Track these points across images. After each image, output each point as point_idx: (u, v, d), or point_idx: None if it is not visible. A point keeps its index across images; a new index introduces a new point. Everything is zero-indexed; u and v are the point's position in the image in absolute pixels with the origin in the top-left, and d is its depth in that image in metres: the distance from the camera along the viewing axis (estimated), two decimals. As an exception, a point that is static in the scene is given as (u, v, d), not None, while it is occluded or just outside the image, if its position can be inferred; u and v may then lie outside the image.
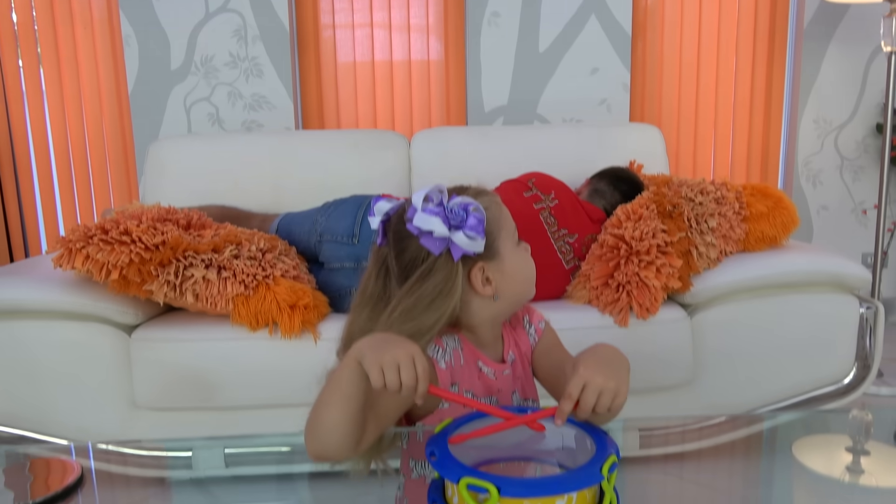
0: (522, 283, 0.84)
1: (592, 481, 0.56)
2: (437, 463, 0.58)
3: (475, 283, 0.79)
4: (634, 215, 1.63)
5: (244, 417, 1.55)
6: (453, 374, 0.79)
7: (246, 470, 1.34)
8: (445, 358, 0.79)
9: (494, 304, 0.81)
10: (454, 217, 0.75)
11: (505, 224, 0.82)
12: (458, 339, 0.81)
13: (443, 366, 0.78)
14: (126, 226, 1.48)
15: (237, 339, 1.50)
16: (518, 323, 0.88)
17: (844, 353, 1.71)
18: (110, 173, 2.65)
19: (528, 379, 0.85)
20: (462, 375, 0.79)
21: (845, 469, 1.20)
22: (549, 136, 2.17)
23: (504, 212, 0.83)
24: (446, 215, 0.75)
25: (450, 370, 0.79)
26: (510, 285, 0.81)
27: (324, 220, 1.73)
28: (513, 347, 0.85)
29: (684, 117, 2.76)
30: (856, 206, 2.87)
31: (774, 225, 1.68)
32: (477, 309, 0.81)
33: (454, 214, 0.75)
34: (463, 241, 0.75)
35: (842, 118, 2.80)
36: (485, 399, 0.79)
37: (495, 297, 0.80)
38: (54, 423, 1.54)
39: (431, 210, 0.75)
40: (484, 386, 0.81)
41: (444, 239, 0.75)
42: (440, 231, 0.74)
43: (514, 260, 0.82)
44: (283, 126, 2.58)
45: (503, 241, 0.81)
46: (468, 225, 0.75)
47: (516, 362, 0.85)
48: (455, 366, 0.79)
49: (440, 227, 0.74)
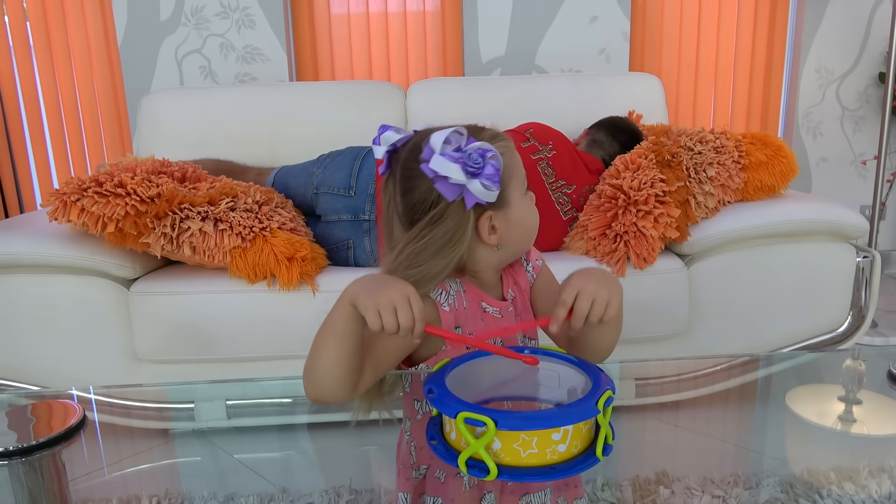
0: (526, 232, 0.82)
1: (588, 415, 0.57)
2: (434, 399, 0.59)
3: (481, 232, 0.77)
4: (633, 165, 1.62)
5: (244, 369, 1.57)
6: (457, 317, 0.79)
7: (248, 421, 1.36)
8: (449, 301, 0.78)
9: (497, 252, 0.80)
10: (472, 163, 0.72)
11: (516, 172, 0.80)
12: (461, 282, 0.81)
13: (447, 308, 0.78)
14: (120, 178, 1.47)
15: (236, 291, 1.50)
16: (516, 261, 0.88)
17: (840, 303, 1.72)
18: (103, 128, 2.62)
19: (527, 316, 0.85)
20: (466, 317, 0.79)
21: (837, 417, 1.22)
22: (548, 87, 2.14)
23: (516, 158, 0.80)
24: (465, 161, 0.72)
25: (454, 313, 0.78)
26: (514, 235, 0.80)
27: (320, 172, 1.71)
28: (512, 286, 0.85)
29: (684, 67, 2.71)
30: (855, 158, 2.86)
31: (773, 174, 1.67)
32: (480, 256, 0.80)
33: (472, 161, 0.72)
34: (479, 189, 0.72)
35: (844, 67, 2.76)
36: (491, 341, 0.79)
37: (498, 247, 0.79)
38: (56, 377, 1.56)
39: (451, 155, 0.71)
40: (489, 326, 0.80)
41: (459, 185, 0.72)
42: (457, 178, 0.71)
43: (521, 209, 0.80)
44: (277, 79, 2.54)
45: (513, 191, 0.79)
46: (485, 174, 0.72)
47: (517, 300, 0.85)
48: (459, 308, 0.79)
49: (458, 174, 0.71)
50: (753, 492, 1.23)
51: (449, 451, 0.60)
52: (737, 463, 1.32)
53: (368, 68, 2.64)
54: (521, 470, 0.57)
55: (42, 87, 2.58)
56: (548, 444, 0.57)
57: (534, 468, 0.57)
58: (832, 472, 1.23)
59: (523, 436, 0.56)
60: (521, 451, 0.57)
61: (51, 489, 0.69)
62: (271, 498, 1.22)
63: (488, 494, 0.76)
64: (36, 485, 0.70)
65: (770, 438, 1.41)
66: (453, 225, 0.74)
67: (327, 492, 1.24)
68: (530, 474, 0.57)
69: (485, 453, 0.57)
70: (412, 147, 0.76)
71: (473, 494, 0.76)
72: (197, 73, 2.52)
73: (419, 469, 0.81)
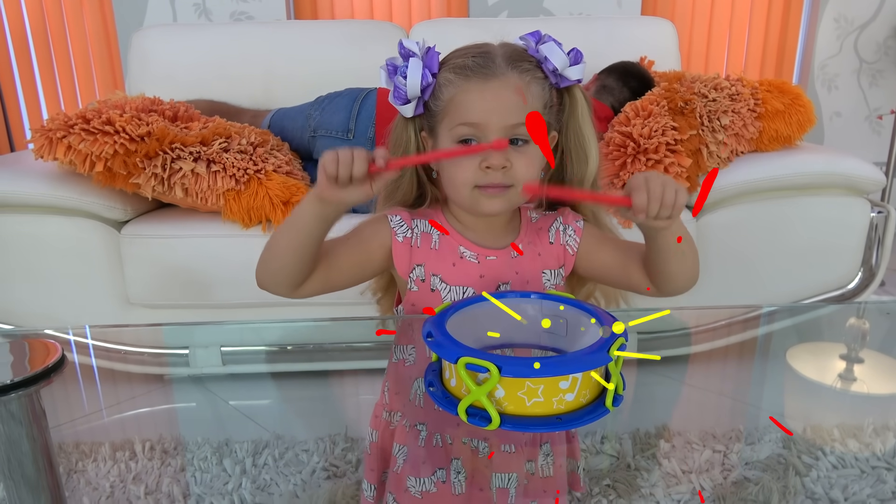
0: (450, 183, 0.74)
1: (600, 363, 0.53)
2: (434, 343, 0.55)
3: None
4: (644, 112, 1.55)
5: (238, 315, 1.54)
6: (414, 254, 0.76)
7: (242, 368, 1.34)
8: (406, 234, 0.76)
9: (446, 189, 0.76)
10: (398, 68, 0.74)
11: (453, 112, 0.71)
12: (440, 231, 0.77)
13: (400, 239, 0.75)
14: (109, 115, 1.40)
15: (230, 235, 1.46)
16: (544, 230, 0.80)
17: (850, 260, 1.68)
18: (94, 65, 2.53)
19: (532, 273, 0.78)
20: (431, 258, 0.76)
21: (837, 376, 1.19)
22: (556, 30, 2.00)
23: (465, 100, 0.71)
24: (393, 63, 0.73)
25: (410, 249, 0.76)
26: (443, 177, 0.75)
27: (318, 114, 1.65)
28: (526, 243, 0.79)
29: (699, 12, 2.60)
30: (870, 114, 2.77)
31: (790, 123, 1.61)
32: (442, 186, 0.77)
33: (400, 66, 0.73)
34: (392, 89, 0.73)
35: (864, 17, 2.65)
36: (459, 287, 0.75)
37: (433, 174, 0.78)
38: (45, 320, 1.53)
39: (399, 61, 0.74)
40: (461, 272, 0.75)
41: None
42: (384, 76, 0.74)
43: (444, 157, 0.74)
44: (274, 17, 2.43)
45: (442, 129, 0.73)
46: (395, 80, 0.73)
47: (524, 258, 0.78)
48: (423, 248, 0.76)
49: (384, 73, 0.74)
50: (756, 447, 1.21)
51: (448, 398, 0.56)
52: (737, 418, 1.30)
53: (369, 7, 2.53)
54: (525, 419, 0.54)
55: (30, 21, 2.48)
56: (555, 392, 0.53)
57: (539, 418, 0.54)
58: (836, 430, 1.21)
59: (529, 383, 0.52)
60: (525, 399, 0.53)
61: (30, 434, 0.65)
62: (266, 445, 1.21)
63: (455, 461, 0.73)
64: (14, 429, 0.66)
65: (768, 393, 1.39)
66: (398, 132, 0.77)
67: (322, 439, 1.22)
68: (535, 424, 0.54)
69: (487, 401, 0.53)
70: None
71: (439, 452, 0.73)
72: (190, 9, 2.41)
73: (392, 413, 0.78)
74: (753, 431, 1.25)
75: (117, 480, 1.12)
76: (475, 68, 0.70)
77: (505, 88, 0.70)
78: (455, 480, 0.72)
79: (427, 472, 0.72)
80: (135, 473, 1.14)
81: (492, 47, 0.74)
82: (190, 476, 1.15)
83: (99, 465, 1.17)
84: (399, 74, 0.72)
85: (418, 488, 0.72)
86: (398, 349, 0.80)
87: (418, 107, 0.74)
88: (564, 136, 0.77)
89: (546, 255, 0.78)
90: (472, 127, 0.70)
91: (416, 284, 0.75)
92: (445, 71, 0.72)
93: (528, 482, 0.73)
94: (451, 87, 0.71)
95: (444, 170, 0.74)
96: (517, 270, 0.77)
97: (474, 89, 0.70)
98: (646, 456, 1.18)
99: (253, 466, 1.16)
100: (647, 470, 1.15)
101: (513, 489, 0.72)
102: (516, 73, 0.71)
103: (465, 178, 0.71)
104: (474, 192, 0.71)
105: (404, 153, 0.76)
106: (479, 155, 0.70)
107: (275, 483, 1.11)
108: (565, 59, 0.72)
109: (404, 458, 0.74)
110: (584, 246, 0.79)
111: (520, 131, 0.70)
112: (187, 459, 1.20)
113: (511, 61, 0.71)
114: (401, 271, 0.76)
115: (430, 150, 0.76)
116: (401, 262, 0.75)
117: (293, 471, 1.14)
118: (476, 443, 0.73)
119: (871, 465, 1.12)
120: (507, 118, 0.70)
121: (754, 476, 1.12)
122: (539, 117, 0.58)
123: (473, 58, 0.71)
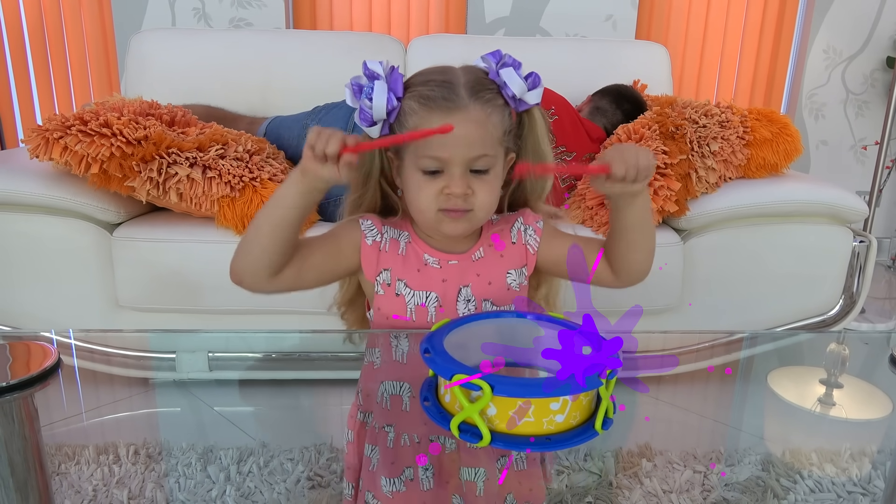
0: (414, 206, 0.78)
1: (590, 386, 0.54)
2: (430, 360, 0.56)
3: (393, 173, 0.80)
4: (636, 135, 1.58)
5: (228, 321, 1.54)
6: (382, 258, 0.80)
7: (229, 374, 1.34)
8: (376, 238, 0.80)
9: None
10: (363, 89, 0.76)
11: (420, 143, 0.73)
12: (409, 234, 0.81)
13: (369, 242, 0.79)
14: (106, 118, 1.41)
15: (222, 241, 1.46)
16: (507, 222, 0.84)
17: (832, 287, 1.71)
18: (90, 66, 2.52)
19: (495, 276, 0.82)
20: (398, 264, 0.80)
21: (817, 400, 1.21)
22: (552, 51, 2.08)
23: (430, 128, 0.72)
24: (357, 83, 0.75)
25: (378, 253, 0.79)
26: (407, 197, 0.79)
27: (314, 124, 1.66)
28: (486, 245, 0.82)
29: (692, 38, 2.65)
30: (855, 143, 2.83)
31: (777, 152, 1.64)
32: (409, 208, 0.80)
33: (365, 87, 0.75)
34: (359, 107, 0.75)
35: (852, 49, 2.72)
36: (422, 292, 0.79)
37: (398, 192, 0.81)
38: (34, 320, 1.52)
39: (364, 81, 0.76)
40: (425, 278, 0.79)
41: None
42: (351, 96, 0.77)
43: (409, 180, 0.76)
44: (273, 26, 2.45)
45: (408, 155, 0.76)
46: (361, 102, 0.75)
47: (484, 259, 0.81)
48: (391, 252, 0.80)
49: (350, 92, 0.76)
50: (735, 469, 1.23)
51: (442, 413, 0.58)
52: (718, 440, 1.32)
53: (368, 20, 2.55)
54: (515, 438, 0.55)
55: (27, 20, 2.47)
56: (545, 413, 0.54)
57: (528, 437, 0.55)
58: (814, 454, 1.23)
59: (520, 403, 0.54)
60: (516, 418, 0.55)
61: (22, 433, 0.66)
62: (251, 452, 1.21)
63: (422, 458, 0.74)
64: (8, 429, 0.67)
65: (748, 416, 1.41)
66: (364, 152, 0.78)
67: (307, 448, 1.22)
68: (524, 443, 0.55)
69: (478, 418, 0.54)
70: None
71: (407, 452, 0.75)
72: (190, 14, 2.42)
73: (366, 414, 0.80)
74: (733, 453, 1.27)
75: (101, 484, 1.12)
76: (438, 101, 0.73)
77: (468, 122, 0.73)
78: (423, 477, 0.73)
79: (396, 472, 0.74)
80: (118, 477, 1.14)
81: (454, 75, 0.76)
82: (174, 482, 1.14)
83: (82, 468, 1.16)
84: (364, 96, 0.75)
85: (389, 488, 0.74)
86: (369, 352, 0.84)
87: (384, 129, 0.76)
88: (524, 153, 0.81)
89: (508, 256, 0.82)
90: (436, 160, 0.74)
91: (383, 288, 0.79)
92: (409, 99, 0.75)
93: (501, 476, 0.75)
94: (415, 117, 0.74)
95: (408, 192, 0.78)
96: (478, 272, 0.81)
97: (437, 122, 0.72)
98: (628, 475, 1.19)
99: (237, 474, 1.15)
100: (628, 488, 1.16)
101: (480, 483, 0.74)
102: (479, 104, 0.74)
103: (428, 204, 0.75)
104: (438, 215, 0.75)
105: (368, 173, 0.80)
106: (440, 180, 0.74)
107: (259, 491, 1.11)
108: (523, 86, 0.76)
109: (378, 457, 0.76)
110: (544, 244, 0.84)
111: (481, 162, 0.74)
112: (171, 465, 1.19)
113: (473, 92, 0.74)
114: (367, 274, 0.80)
115: (395, 170, 0.80)
116: (368, 264, 0.79)
117: (277, 479, 1.14)
118: (443, 440, 0.74)
119: (846, 489, 1.14)
120: (470, 151, 0.73)
121: (733, 498, 1.13)
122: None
123: (437, 87, 0.74)
